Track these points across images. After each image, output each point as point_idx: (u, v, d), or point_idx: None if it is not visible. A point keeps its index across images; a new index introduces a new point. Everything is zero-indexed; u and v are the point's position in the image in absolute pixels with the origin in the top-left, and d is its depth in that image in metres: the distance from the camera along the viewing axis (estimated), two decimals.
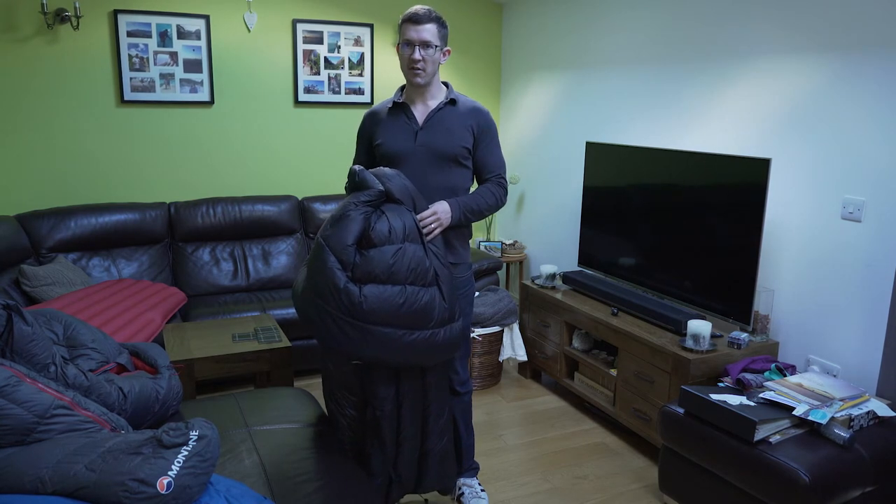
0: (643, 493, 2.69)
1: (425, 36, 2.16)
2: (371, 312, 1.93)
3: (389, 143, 2.27)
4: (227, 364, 2.74)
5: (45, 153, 3.82)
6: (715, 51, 3.17)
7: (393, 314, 1.95)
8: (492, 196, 2.32)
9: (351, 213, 1.99)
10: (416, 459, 2.22)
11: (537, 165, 4.61)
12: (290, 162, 4.42)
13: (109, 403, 1.90)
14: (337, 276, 1.94)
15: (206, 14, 4.00)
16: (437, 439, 2.22)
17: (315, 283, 1.99)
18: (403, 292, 1.96)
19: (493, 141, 2.34)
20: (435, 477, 2.26)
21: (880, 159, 2.51)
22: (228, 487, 1.51)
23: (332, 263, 1.95)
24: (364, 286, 1.95)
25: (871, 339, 2.58)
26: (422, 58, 2.17)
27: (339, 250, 1.96)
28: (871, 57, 2.52)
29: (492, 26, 4.86)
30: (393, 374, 2.10)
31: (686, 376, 2.65)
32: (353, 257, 1.96)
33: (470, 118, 2.28)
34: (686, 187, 3.02)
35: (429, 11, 2.17)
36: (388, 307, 1.95)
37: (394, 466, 2.19)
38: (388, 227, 1.98)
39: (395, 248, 1.98)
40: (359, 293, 1.93)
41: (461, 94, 2.36)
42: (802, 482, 1.99)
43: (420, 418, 2.18)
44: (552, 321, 3.53)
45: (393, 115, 2.31)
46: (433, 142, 2.25)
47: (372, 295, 1.93)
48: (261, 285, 4.00)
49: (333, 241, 1.98)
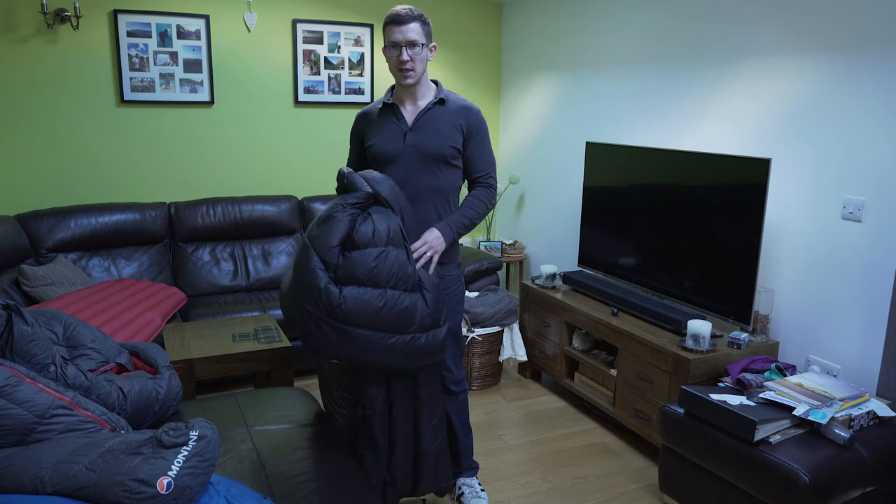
0: (643, 493, 2.69)
1: (410, 36, 2.16)
2: (350, 314, 1.94)
3: (379, 145, 2.28)
4: (227, 364, 2.73)
5: (46, 153, 3.82)
6: (715, 51, 3.17)
7: (372, 317, 1.96)
8: (481, 204, 2.33)
9: (337, 215, 2.00)
10: (410, 462, 2.22)
11: (537, 165, 4.61)
12: (289, 162, 4.42)
13: (109, 403, 1.90)
14: (319, 277, 1.95)
15: (206, 14, 4.00)
16: (430, 440, 2.22)
17: (299, 283, 2.00)
18: (384, 296, 1.97)
19: (484, 140, 2.34)
20: (431, 479, 2.26)
21: (880, 159, 2.51)
22: (228, 487, 1.51)
23: (315, 264, 1.97)
24: (345, 288, 1.96)
25: (871, 339, 2.58)
26: (410, 58, 2.17)
27: (323, 251, 1.98)
28: (871, 57, 2.52)
29: (492, 26, 4.85)
30: (382, 373, 2.11)
31: (686, 376, 2.65)
32: (336, 258, 1.98)
33: (459, 117, 2.28)
34: (686, 187, 3.02)
35: (410, 10, 2.17)
36: (368, 310, 1.95)
37: (388, 468, 2.19)
38: (372, 229, 2.00)
39: (378, 250, 1.98)
40: (339, 294, 1.94)
41: (451, 91, 2.36)
42: (802, 482, 1.99)
43: (412, 419, 2.18)
44: (552, 321, 3.53)
45: (383, 116, 2.31)
46: (422, 142, 2.25)
47: (352, 297, 1.94)
48: (261, 285, 4.00)
49: (318, 241, 1.99)
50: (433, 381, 2.20)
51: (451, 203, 2.34)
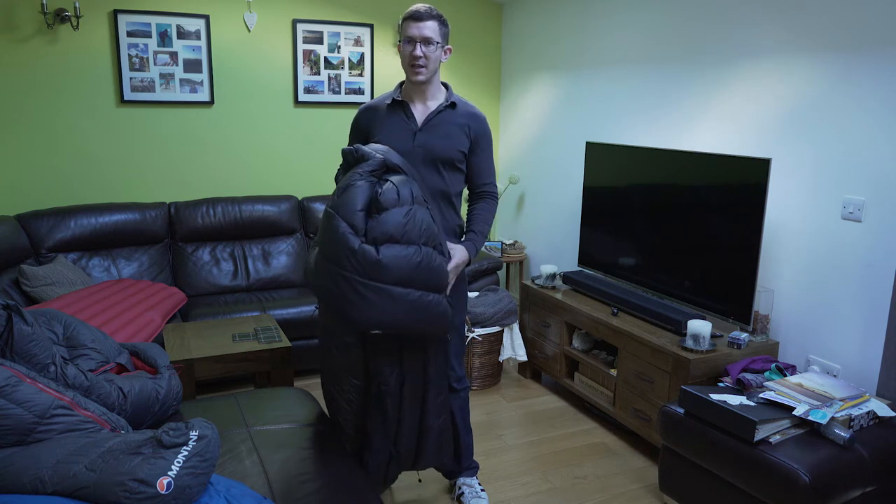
0: (643, 493, 2.69)
1: (426, 32, 2.17)
2: (391, 271, 1.92)
3: (387, 142, 2.27)
4: (227, 364, 2.74)
5: (46, 153, 3.82)
6: (715, 51, 3.17)
7: (411, 273, 1.95)
8: (491, 217, 2.41)
9: (357, 182, 1.99)
10: (414, 436, 2.24)
11: (537, 165, 4.61)
12: (290, 162, 4.42)
13: (109, 403, 1.90)
14: (350, 240, 1.93)
15: (206, 14, 4.00)
16: (435, 416, 2.23)
17: (329, 252, 1.97)
18: (419, 251, 1.97)
19: (488, 148, 2.38)
20: (433, 453, 2.27)
21: (880, 159, 2.51)
22: (228, 487, 1.51)
23: (344, 229, 1.94)
24: (380, 247, 1.94)
25: (871, 339, 2.58)
26: (423, 54, 2.18)
27: (349, 216, 1.95)
28: (872, 57, 2.52)
29: (492, 26, 4.86)
30: (397, 353, 2.12)
31: (686, 376, 2.65)
32: (363, 222, 1.96)
33: (468, 123, 2.30)
34: (686, 187, 3.02)
35: (430, 9, 2.19)
36: (406, 265, 1.94)
37: (394, 443, 2.21)
38: (395, 191, 1.98)
39: (407, 208, 1.97)
40: (375, 252, 1.92)
41: (460, 96, 2.37)
42: (802, 482, 1.99)
43: (420, 395, 2.20)
44: (552, 321, 3.53)
45: (391, 112, 2.31)
46: (431, 144, 2.26)
47: (391, 254, 1.93)
48: (261, 285, 4.00)
49: (343, 208, 1.97)
50: (440, 357, 2.21)
51: (454, 206, 2.36)
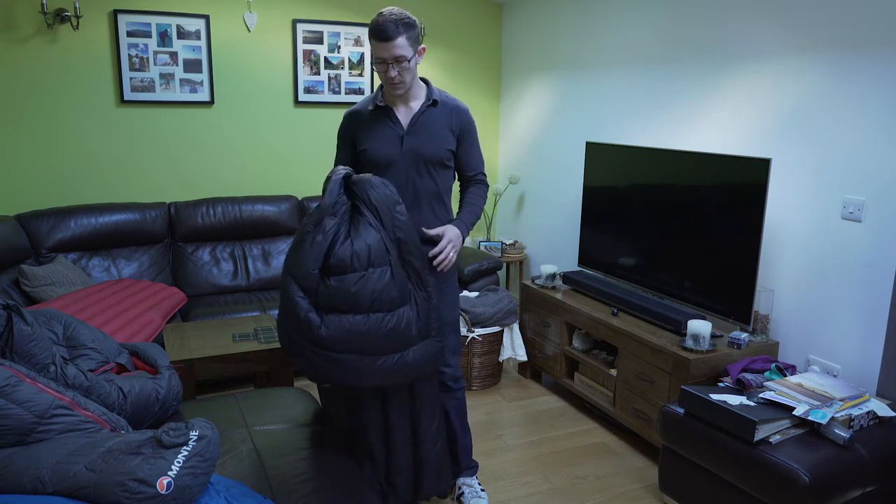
0: (643, 493, 2.69)
1: (397, 52, 2.09)
2: (334, 341, 1.93)
3: (375, 150, 2.24)
4: (227, 364, 2.73)
5: (46, 153, 3.82)
6: (715, 51, 3.17)
7: (356, 342, 1.94)
8: (482, 201, 2.41)
9: (306, 238, 1.96)
10: (410, 468, 2.21)
11: (537, 165, 4.61)
12: (289, 162, 4.42)
13: (109, 403, 1.90)
14: (299, 306, 1.94)
15: (206, 14, 4.00)
16: (431, 445, 2.20)
17: (283, 312, 2.01)
18: (367, 320, 1.94)
19: (474, 139, 2.37)
20: (432, 484, 2.26)
21: (880, 159, 2.51)
22: (228, 487, 1.51)
23: (294, 292, 1.95)
24: (326, 315, 1.94)
25: (871, 339, 2.58)
26: (398, 73, 2.13)
27: (301, 277, 1.95)
28: (871, 57, 2.52)
29: (492, 26, 4.85)
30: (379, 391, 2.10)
31: (686, 376, 2.65)
32: (316, 283, 1.95)
33: (452, 119, 2.29)
34: (686, 187, 3.02)
35: (395, 23, 2.06)
36: (351, 336, 1.93)
37: (386, 478, 2.18)
38: (350, 252, 1.94)
39: (358, 276, 1.94)
40: (319, 322, 1.93)
41: (440, 90, 2.35)
42: (802, 482, 1.99)
43: (410, 424, 2.17)
44: (552, 321, 3.53)
45: (375, 118, 2.26)
46: (419, 147, 2.24)
47: (333, 324, 1.93)
48: (261, 285, 4.00)
49: (295, 269, 1.96)
50: (431, 383, 2.19)
51: (447, 204, 2.36)
